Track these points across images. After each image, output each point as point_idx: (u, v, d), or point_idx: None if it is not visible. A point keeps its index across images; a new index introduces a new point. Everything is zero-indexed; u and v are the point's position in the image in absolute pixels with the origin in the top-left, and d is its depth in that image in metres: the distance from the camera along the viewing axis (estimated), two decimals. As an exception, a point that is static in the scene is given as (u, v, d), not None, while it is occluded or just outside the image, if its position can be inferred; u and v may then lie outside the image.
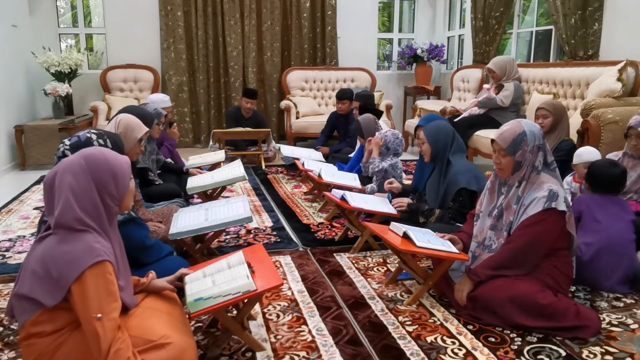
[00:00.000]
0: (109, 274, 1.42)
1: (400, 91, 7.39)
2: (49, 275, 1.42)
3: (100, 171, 1.50)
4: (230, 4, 6.57)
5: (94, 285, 1.39)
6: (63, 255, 1.41)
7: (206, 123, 6.70)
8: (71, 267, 1.39)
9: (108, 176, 1.51)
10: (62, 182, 1.47)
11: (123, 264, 1.61)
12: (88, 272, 1.39)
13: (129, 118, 2.68)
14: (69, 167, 1.50)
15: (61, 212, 1.45)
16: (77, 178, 1.48)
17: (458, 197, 2.59)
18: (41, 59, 5.62)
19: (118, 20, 6.40)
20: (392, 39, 7.64)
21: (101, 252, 1.42)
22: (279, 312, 2.12)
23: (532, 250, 2.03)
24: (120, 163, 1.57)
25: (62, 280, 1.40)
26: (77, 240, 1.43)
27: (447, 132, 2.77)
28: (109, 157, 1.55)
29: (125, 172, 1.57)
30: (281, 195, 4.08)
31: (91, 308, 1.37)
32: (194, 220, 2.48)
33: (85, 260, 1.40)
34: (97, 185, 1.49)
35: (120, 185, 1.54)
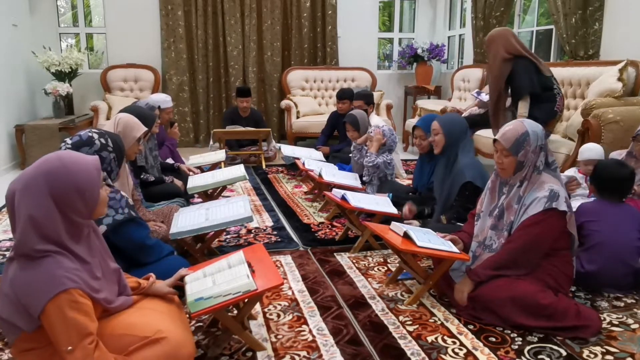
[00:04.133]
0: (73, 302, 1.35)
1: (400, 91, 7.39)
2: (19, 302, 1.38)
3: (61, 189, 1.40)
4: (230, 4, 6.57)
5: (58, 319, 1.34)
6: (26, 285, 1.37)
7: (205, 123, 6.70)
8: (34, 299, 1.35)
9: (72, 192, 1.41)
10: (20, 204, 1.38)
11: (106, 268, 1.57)
12: (50, 304, 1.33)
13: (128, 117, 2.68)
14: (28, 186, 1.40)
15: (19, 240, 1.38)
16: (36, 201, 1.38)
17: (463, 191, 2.59)
18: (41, 58, 5.62)
19: (118, 20, 6.40)
20: (392, 39, 7.64)
21: (63, 279, 1.35)
22: (280, 311, 2.12)
23: (532, 250, 2.03)
24: (87, 173, 1.45)
25: (30, 309, 1.36)
26: (38, 269, 1.36)
27: (462, 125, 2.77)
28: (72, 169, 1.43)
29: (93, 182, 1.46)
30: (281, 195, 4.08)
31: (60, 342, 1.34)
32: (194, 219, 2.48)
33: (46, 292, 1.34)
34: (58, 206, 1.40)
35: (88, 199, 1.45)
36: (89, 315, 1.40)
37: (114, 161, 2.16)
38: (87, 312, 1.39)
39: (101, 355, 1.39)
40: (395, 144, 3.61)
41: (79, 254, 1.45)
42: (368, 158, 3.47)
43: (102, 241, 1.66)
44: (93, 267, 1.50)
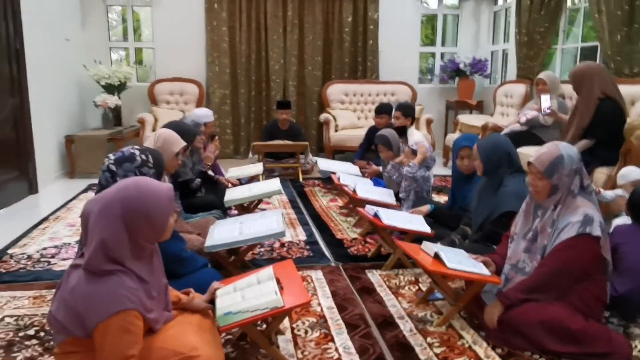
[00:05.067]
0: (129, 323, 1.44)
1: (442, 105, 7.33)
2: (77, 311, 1.47)
3: (135, 216, 1.49)
4: (273, 20, 6.71)
5: (112, 335, 1.42)
6: (88, 296, 1.45)
7: (246, 135, 6.85)
8: (94, 311, 1.43)
9: (143, 221, 1.50)
10: (95, 225, 1.48)
11: (157, 286, 1.64)
12: (107, 321, 1.42)
13: (167, 132, 2.79)
14: (104, 210, 1.50)
15: (90, 257, 1.47)
16: (110, 225, 1.47)
17: (501, 218, 2.53)
18: (92, 71, 5.90)
19: (166, 35, 6.65)
20: (434, 53, 7.60)
21: (124, 299, 1.44)
22: (308, 327, 2.15)
23: (564, 274, 1.98)
24: (160, 203, 1.54)
25: (87, 320, 1.45)
26: (103, 284, 1.45)
27: (503, 149, 2.64)
28: (148, 197, 1.53)
29: (164, 212, 1.55)
30: (316, 209, 4.12)
31: (103, 356, 1.43)
32: (228, 233, 2.55)
33: (108, 308, 1.42)
34: (129, 231, 1.49)
35: (157, 226, 1.54)
36: (138, 337, 1.48)
37: (154, 176, 2.25)
38: (137, 334, 1.48)
39: None
40: (434, 162, 3.59)
41: (140, 274, 1.53)
42: (410, 168, 3.45)
43: (160, 260, 1.74)
44: (151, 287, 1.58)
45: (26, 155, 4.62)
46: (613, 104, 3.57)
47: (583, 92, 3.68)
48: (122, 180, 1.61)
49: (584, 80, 3.66)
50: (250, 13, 6.67)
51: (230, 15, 6.62)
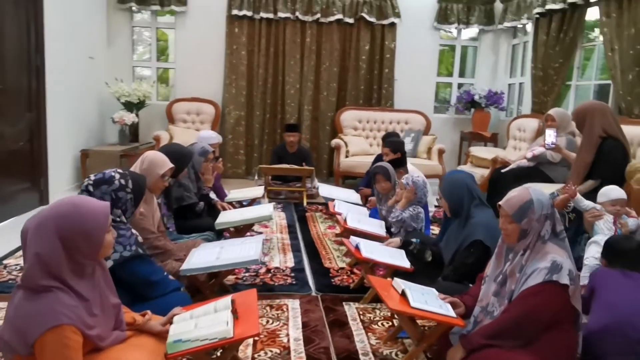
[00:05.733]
0: (65, 338, 1.47)
1: (456, 136, 7.30)
2: (18, 329, 1.51)
3: (70, 233, 1.54)
4: (292, 45, 6.84)
5: (49, 350, 1.46)
6: (26, 315, 1.50)
7: (258, 157, 6.93)
8: (31, 328, 1.48)
9: (79, 237, 1.55)
10: (31, 243, 1.53)
11: (106, 304, 1.68)
12: (45, 336, 1.46)
13: (154, 154, 2.86)
14: (40, 228, 1.54)
15: (26, 273, 1.52)
16: (45, 242, 1.52)
17: (469, 247, 2.52)
18: (113, 89, 6.11)
19: (187, 56, 6.85)
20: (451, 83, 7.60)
21: (59, 315, 1.47)
22: (269, 358, 2.15)
23: (528, 322, 1.94)
24: (95, 219, 1.58)
25: (27, 338, 1.49)
26: (39, 301, 1.49)
27: (461, 185, 2.69)
28: (84, 214, 1.57)
29: (100, 228, 1.59)
30: (312, 235, 4.13)
31: None
32: (206, 257, 2.59)
33: (44, 324, 1.47)
34: (66, 248, 1.53)
35: (94, 243, 1.58)
36: (77, 352, 1.51)
37: (130, 201, 2.30)
38: (75, 348, 1.51)
39: None
40: (426, 196, 3.57)
41: (79, 291, 1.57)
42: (393, 213, 3.45)
43: (107, 277, 1.78)
44: (92, 304, 1.62)
45: (39, 167, 4.80)
46: (615, 143, 3.50)
47: (585, 129, 3.63)
48: (61, 198, 1.66)
49: (586, 118, 3.62)
50: (269, 38, 6.82)
51: (249, 40, 6.79)
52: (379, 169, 3.85)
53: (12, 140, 4.39)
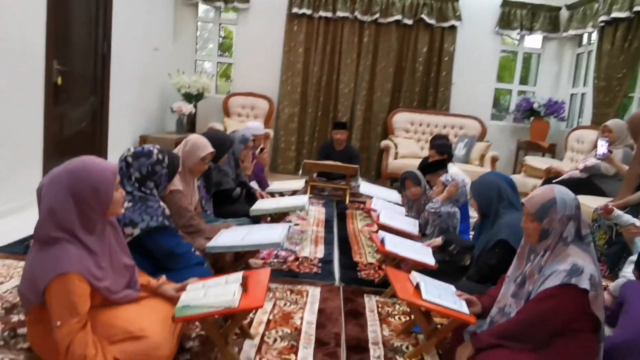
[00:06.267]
0: (71, 285, 1.58)
1: (512, 144, 7.07)
2: (31, 279, 1.65)
3: (80, 186, 1.65)
4: (349, 45, 6.89)
5: (56, 296, 1.58)
6: (37, 265, 1.63)
7: (308, 154, 7.01)
8: (42, 276, 1.60)
9: (88, 191, 1.66)
10: (44, 195, 1.66)
11: (117, 262, 1.79)
12: (52, 283, 1.58)
13: (197, 138, 2.99)
14: (53, 181, 1.67)
15: (39, 225, 1.65)
16: (57, 194, 1.64)
17: (494, 247, 2.46)
18: (174, 80, 6.39)
19: (246, 53, 7.05)
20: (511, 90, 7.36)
21: (65, 264, 1.58)
22: (278, 337, 2.19)
23: (541, 325, 1.86)
24: (103, 175, 1.69)
25: (37, 286, 1.62)
26: (48, 252, 1.62)
27: (492, 185, 2.63)
28: (92, 170, 1.68)
29: (108, 184, 1.70)
30: (348, 231, 4.14)
31: (53, 316, 1.58)
32: (232, 237, 2.67)
33: (50, 272, 1.59)
34: (76, 202, 1.65)
35: (103, 199, 1.69)
36: (82, 298, 1.62)
37: (164, 176, 2.43)
38: (81, 295, 1.62)
39: (84, 336, 1.59)
40: (465, 197, 3.49)
41: (88, 244, 1.69)
42: (433, 203, 3.41)
43: (119, 238, 1.90)
44: (100, 258, 1.74)
45: (99, 149, 5.10)
46: None
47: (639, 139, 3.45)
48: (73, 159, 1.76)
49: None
50: (327, 37, 6.90)
51: (307, 38, 6.89)
52: (408, 174, 3.82)
53: (77, 122, 4.70)
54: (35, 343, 1.76)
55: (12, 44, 3.63)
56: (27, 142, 3.96)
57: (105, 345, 1.66)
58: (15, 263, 2.78)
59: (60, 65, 4.22)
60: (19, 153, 3.84)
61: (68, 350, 1.56)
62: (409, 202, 3.90)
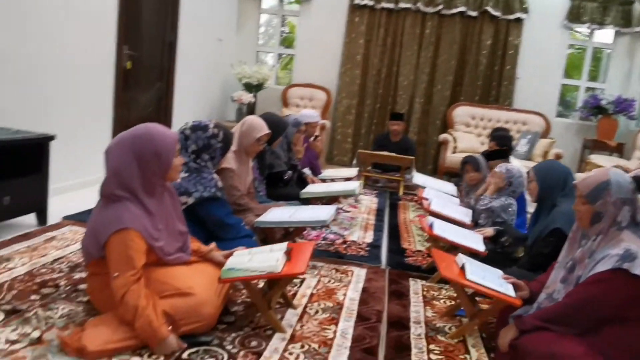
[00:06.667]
0: (130, 240, 1.70)
1: (578, 143, 6.75)
2: (94, 233, 1.78)
3: (143, 150, 1.78)
4: (410, 36, 6.82)
5: (115, 249, 1.70)
6: (100, 219, 1.77)
7: (364, 146, 6.98)
8: (103, 230, 1.73)
9: (150, 154, 1.78)
10: (110, 157, 1.80)
11: (171, 226, 1.91)
12: (113, 237, 1.70)
13: (254, 119, 3.09)
14: (119, 144, 1.81)
15: (104, 183, 1.79)
16: (122, 156, 1.77)
17: (548, 236, 2.38)
18: (236, 70, 6.58)
19: (307, 44, 7.14)
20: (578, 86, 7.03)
21: (125, 220, 1.71)
22: (321, 309, 2.23)
23: (588, 310, 1.80)
24: (165, 141, 1.82)
25: (99, 239, 1.75)
26: (111, 209, 1.75)
27: (560, 173, 2.55)
28: (155, 136, 1.81)
29: (169, 150, 1.82)
30: (399, 220, 4.12)
31: (111, 268, 1.70)
32: (280, 215, 2.74)
33: (112, 226, 1.71)
34: (138, 163, 1.78)
35: (163, 162, 1.81)
36: (139, 254, 1.74)
37: (219, 150, 2.54)
38: (137, 250, 1.74)
39: (138, 288, 1.71)
40: (522, 188, 3.39)
41: (147, 205, 1.82)
42: (482, 201, 3.34)
43: (176, 205, 2.01)
44: (157, 220, 1.86)
45: (163, 133, 5.34)
46: None
47: None
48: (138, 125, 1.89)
49: None
50: (388, 28, 6.86)
51: (368, 29, 6.88)
52: (469, 158, 3.75)
53: (143, 107, 4.96)
54: (93, 294, 1.90)
55: (86, 28, 3.87)
56: (98, 122, 4.23)
57: (156, 299, 1.76)
58: (82, 229, 2.99)
59: (130, 50, 4.47)
60: (91, 132, 4.10)
61: (122, 300, 1.68)
62: (467, 188, 3.84)
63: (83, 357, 1.63)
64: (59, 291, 2.14)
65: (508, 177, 3.28)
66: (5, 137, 2.74)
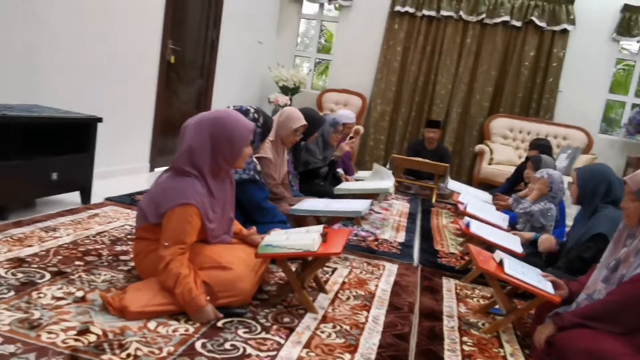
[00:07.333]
0: (189, 215, 1.76)
1: (622, 160, 6.54)
2: (156, 199, 1.84)
3: (220, 134, 1.84)
4: (450, 45, 6.76)
5: (174, 221, 1.75)
6: (166, 189, 1.82)
7: (397, 154, 6.95)
8: (167, 200, 1.79)
9: (225, 140, 1.84)
10: (188, 133, 1.85)
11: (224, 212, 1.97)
12: (175, 209, 1.76)
13: (292, 110, 3.11)
14: (198, 124, 1.87)
15: (178, 157, 1.85)
16: (198, 135, 1.84)
17: (590, 241, 2.31)
18: (274, 73, 6.67)
19: (344, 49, 7.18)
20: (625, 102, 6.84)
21: (190, 196, 1.77)
22: (352, 296, 2.22)
23: (632, 308, 1.72)
24: (241, 130, 1.88)
25: (160, 207, 1.81)
26: (180, 182, 1.81)
27: (603, 176, 2.47)
28: (233, 123, 1.87)
29: (243, 139, 1.88)
30: (432, 224, 4.06)
31: (164, 236, 1.75)
32: (315, 204, 2.75)
33: (177, 199, 1.77)
34: (213, 146, 1.84)
35: (235, 149, 1.87)
36: (193, 230, 1.80)
37: (259, 135, 2.58)
38: (194, 226, 1.80)
39: (182, 259, 1.76)
40: (562, 194, 3.31)
41: (210, 187, 1.88)
42: (522, 204, 3.29)
43: (232, 193, 2.07)
44: (215, 203, 1.92)
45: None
46: None
47: None
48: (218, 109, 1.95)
49: None
50: (427, 36, 6.84)
51: (407, 36, 6.87)
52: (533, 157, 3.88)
53: (185, 101, 5.06)
54: (137, 258, 1.94)
55: (133, 22, 3.99)
56: (142, 112, 4.34)
57: (197, 271, 1.79)
58: (122, 209, 3.08)
59: (174, 45, 4.58)
60: (134, 122, 4.22)
61: (166, 267, 1.72)
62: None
63: (123, 316, 1.67)
64: (102, 260, 2.21)
65: (550, 183, 3.21)
66: (56, 115, 2.85)
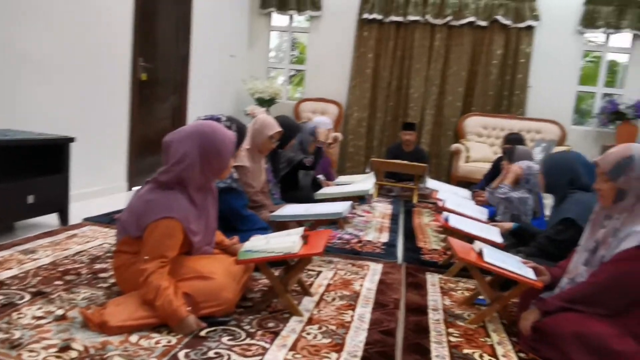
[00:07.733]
0: (172, 229, 1.74)
1: (596, 150, 6.66)
2: (137, 212, 1.81)
3: (209, 147, 1.83)
4: (420, 49, 6.86)
5: (157, 234, 1.73)
6: (150, 202, 1.79)
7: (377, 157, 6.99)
8: (150, 213, 1.76)
9: (214, 153, 1.83)
10: (174, 148, 1.82)
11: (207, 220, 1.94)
12: (159, 222, 1.73)
13: (265, 117, 3.11)
14: (186, 137, 1.84)
15: (164, 171, 1.82)
16: (188, 147, 1.81)
17: (557, 224, 2.34)
18: (248, 85, 6.67)
19: (317, 59, 7.23)
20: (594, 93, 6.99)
21: (173, 210, 1.75)
22: (338, 297, 2.21)
23: (615, 289, 1.75)
24: (226, 142, 1.87)
25: (141, 220, 1.78)
26: (164, 195, 1.78)
27: (565, 166, 2.48)
28: (220, 136, 1.86)
29: (230, 151, 1.88)
30: (414, 223, 4.08)
31: (145, 249, 1.73)
32: (296, 209, 2.74)
33: (161, 212, 1.75)
34: (201, 157, 1.82)
35: (222, 160, 1.86)
36: (175, 245, 1.77)
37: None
38: (175, 241, 1.77)
39: (163, 273, 1.73)
40: (537, 188, 3.36)
41: (194, 199, 1.86)
42: (501, 189, 3.32)
43: (215, 204, 2.05)
44: (199, 215, 1.89)
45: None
46: None
47: None
48: (199, 121, 1.94)
49: None
50: (397, 42, 6.92)
51: (377, 43, 6.95)
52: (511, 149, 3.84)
53: (159, 118, 5.02)
54: (118, 271, 1.91)
55: (101, 40, 3.96)
56: (116, 132, 4.29)
57: (176, 284, 1.76)
58: (100, 229, 3.03)
59: (145, 62, 4.55)
60: (109, 141, 4.18)
61: (146, 281, 1.70)
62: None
63: (104, 331, 1.64)
64: (81, 278, 2.18)
65: (526, 174, 3.26)
66: (29, 137, 2.83)
